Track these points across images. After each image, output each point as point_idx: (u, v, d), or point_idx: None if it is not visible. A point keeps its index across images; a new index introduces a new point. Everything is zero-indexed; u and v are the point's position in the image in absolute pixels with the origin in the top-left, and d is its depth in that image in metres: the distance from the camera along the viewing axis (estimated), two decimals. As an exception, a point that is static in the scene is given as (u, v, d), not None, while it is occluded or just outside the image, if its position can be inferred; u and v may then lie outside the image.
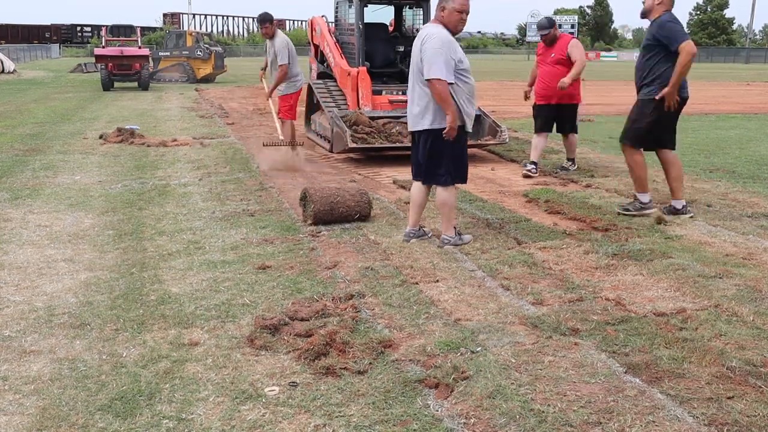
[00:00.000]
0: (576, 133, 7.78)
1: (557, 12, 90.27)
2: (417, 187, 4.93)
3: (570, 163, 7.83)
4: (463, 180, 4.85)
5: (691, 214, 5.55)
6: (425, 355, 3.11)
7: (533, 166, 7.54)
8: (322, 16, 10.86)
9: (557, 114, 7.51)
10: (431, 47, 4.48)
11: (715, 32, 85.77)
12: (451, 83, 4.50)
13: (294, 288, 3.98)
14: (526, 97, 7.92)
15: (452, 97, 4.51)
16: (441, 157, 4.67)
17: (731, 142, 10.22)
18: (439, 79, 4.43)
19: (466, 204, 6.06)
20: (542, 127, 7.64)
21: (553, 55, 7.32)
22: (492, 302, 3.78)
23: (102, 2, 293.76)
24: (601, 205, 5.97)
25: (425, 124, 4.63)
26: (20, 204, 6.05)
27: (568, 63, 7.24)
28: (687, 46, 5.20)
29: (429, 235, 5.01)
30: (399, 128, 8.53)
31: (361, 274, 4.23)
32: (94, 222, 5.48)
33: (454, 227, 4.89)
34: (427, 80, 4.48)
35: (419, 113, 4.66)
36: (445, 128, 4.53)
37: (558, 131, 7.77)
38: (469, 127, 4.72)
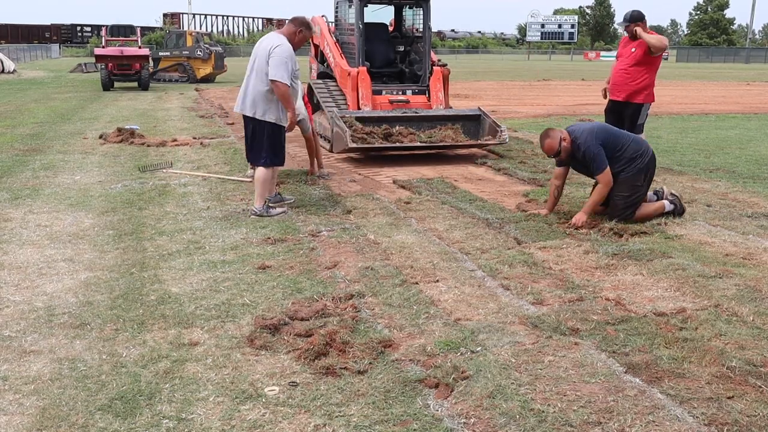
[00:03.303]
0: (640, 133, 6.97)
1: (557, 12, 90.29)
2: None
3: None
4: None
5: None
6: (425, 355, 3.11)
7: None
8: (322, 16, 10.86)
9: (622, 111, 7.18)
10: (279, 54, 5.42)
11: (716, 32, 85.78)
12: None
13: (294, 288, 3.98)
14: (605, 95, 7.61)
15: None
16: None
17: (731, 142, 10.22)
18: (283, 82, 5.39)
19: (466, 204, 6.07)
20: (613, 124, 7.21)
21: (633, 50, 6.91)
22: (492, 302, 3.78)
23: (102, 2, 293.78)
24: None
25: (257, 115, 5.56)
26: (20, 204, 6.05)
27: (646, 63, 6.89)
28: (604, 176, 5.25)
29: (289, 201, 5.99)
30: (399, 128, 8.54)
31: (361, 274, 4.23)
32: (94, 222, 5.48)
33: (266, 200, 5.68)
34: (272, 80, 5.40)
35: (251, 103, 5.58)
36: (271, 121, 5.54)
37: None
38: (283, 122, 5.65)
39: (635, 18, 6.90)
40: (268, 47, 5.50)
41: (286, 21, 5.99)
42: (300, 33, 5.67)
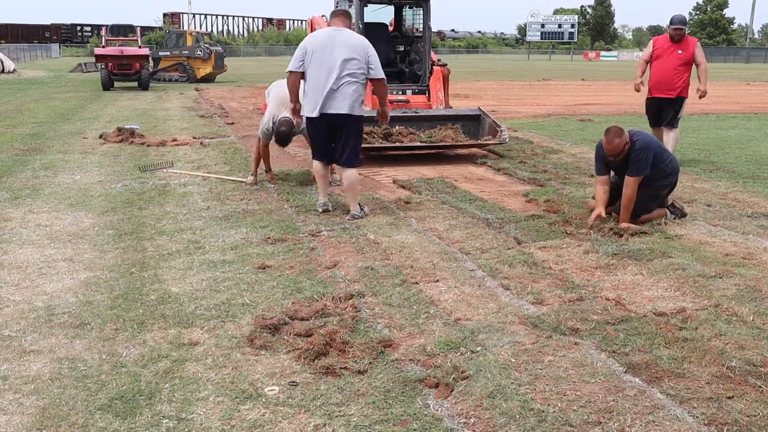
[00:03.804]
0: (676, 127, 8.05)
1: (557, 12, 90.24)
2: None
3: None
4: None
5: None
6: (425, 355, 3.11)
7: None
8: (322, 16, 10.86)
9: (667, 106, 7.96)
10: (375, 53, 5.47)
11: (715, 32, 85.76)
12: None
13: (294, 288, 3.98)
14: (638, 89, 8.26)
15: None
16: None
17: (731, 142, 10.23)
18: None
19: (466, 204, 6.07)
20: (658, 121, 8.11)
21: (680, 51, 7.81)
22: (492, 302, 3.78)
23: (102, 2, 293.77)
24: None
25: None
26: (20, 204, 6.05)
27: (689, 63, 7.84)
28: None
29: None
30: (399, 128, 8.54)
31: (361, 273, 4.23)
32: (94, 222, 5.48)
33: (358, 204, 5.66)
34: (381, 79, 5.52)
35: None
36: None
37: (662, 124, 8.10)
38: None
39: (686, 21, 8.10)
40: (361, 45, 5.46)
41: (286, 21, 5.97)
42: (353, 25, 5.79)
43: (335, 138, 5.61)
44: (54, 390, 2.82)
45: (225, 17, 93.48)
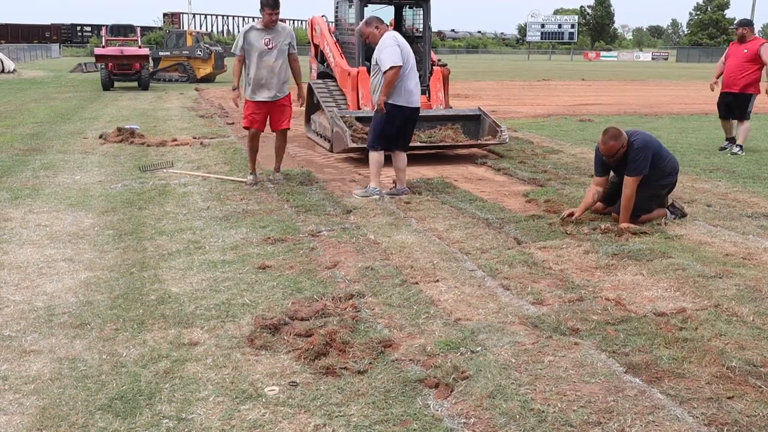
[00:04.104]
0: (747, 119, 8.98)
1: (557, 12, 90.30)
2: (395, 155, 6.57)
3: (738, 148, 9.01)
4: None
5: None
6: (425, 355, 3.11)
7: (728, 143, 9.33)
8: (322, 16, 10.86)
9: (734, 101, 8.97)
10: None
11: (716, 32, 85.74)
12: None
13: (294, 288, 3.98)
14: (712, 89, 9.43)
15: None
16: None
17: (731, 142, 10.21)
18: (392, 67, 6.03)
19: (466, 204, 6.07)
20: (725, 113, 9.23)
21: (745, 51, 8.81)
22: (492, 302, 3.78)
23: (102, 2, 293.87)
24: (601, 205, 5.96)
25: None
26: (20, 204, 6.05)
27: (756, 61, 8.74)
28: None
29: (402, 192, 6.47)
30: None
31: (361, 274, 4.23)
32: (94, 222, 5.48)
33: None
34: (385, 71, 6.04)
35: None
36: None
37: (732, 117, 9.18)
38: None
39: (743, 24, 9.08)
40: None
41: (286, 21, 6.11)
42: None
43: (406, 129, 6.58)
44: (54, 390, 2.82)
45: (225, 17, 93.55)
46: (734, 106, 9.00)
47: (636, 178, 5.24)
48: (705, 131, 11.64)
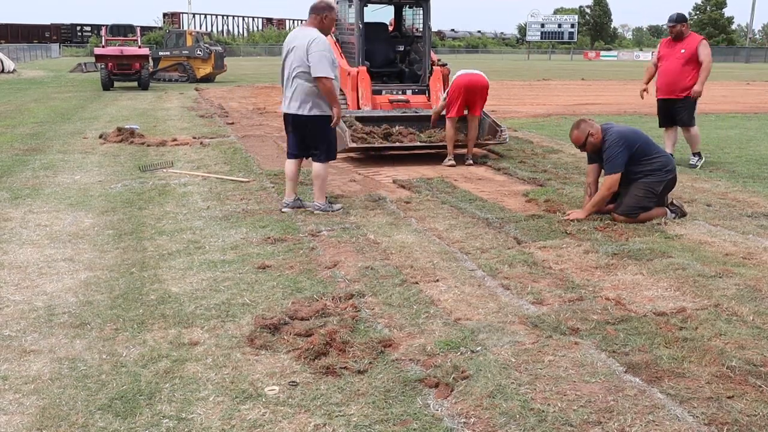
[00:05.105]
0: (692, 125, 7.91)
1: (557, 11, 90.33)
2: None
3: (697, 158, 8.05)
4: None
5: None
6: (425, 355, 3.11)
7: (695, 157, 8.09)
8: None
9: (674, 107, 7.86)
10: (316, 49, 5.40)
11: (715, 32, 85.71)
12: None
13: (294, 287, 3.98)
14: (642, 96, 8.23)
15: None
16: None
17: (731, 142, 10.23)
18: (328, 77, 5.41)
19: (466, 204, 6.07)
20: (667, 121, 8.05)
21: (683, 51, 7.71)
22: (492, 302, 3.78)
23: (102, 2, 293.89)
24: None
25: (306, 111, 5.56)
26: (20, 204, 6.05)
27: (695, 62, 7.66)
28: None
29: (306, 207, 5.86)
30: (399, 128, 8.54)
31: (361, 273, 4.23)
32: (94, 222, 5.48)
33: (326, 196, 5.92)
34: (318, 77, 5.40)
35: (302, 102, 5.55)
36: (327, 115, 5.58)
37: (676, 124, 8.03)
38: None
39: (681, 19, 7.85)
40: (305, 44, 5.46)
41: (286, 21, 6.00)
42: (326, 17, 5.61)
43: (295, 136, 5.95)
44: (54, 390, 2.82)
45: (225, 17, 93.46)
46: (678, 112, 7.85)
47: (612, 176, 5.28)
48: (705, 131, 11.61)
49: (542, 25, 78.19)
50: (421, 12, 9.74)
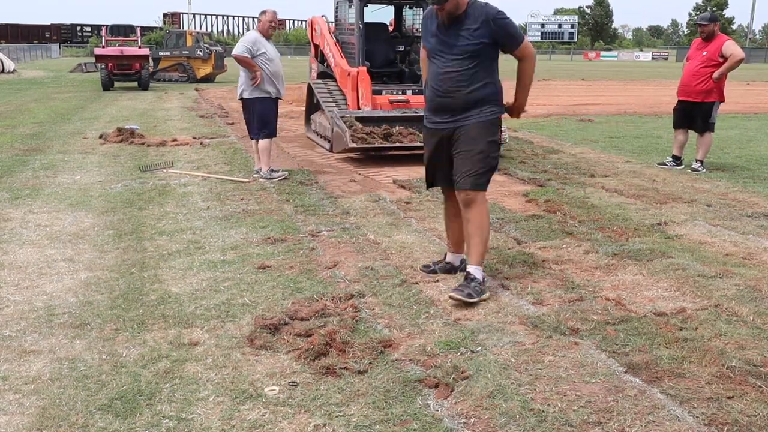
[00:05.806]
0: (710, 131, 7.73)
1: (557, 12, 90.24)
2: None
3: (699, 164, 7.79)
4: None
5: None
6: (425, 355, 3.11)
7: (671, 159, 8.03)
8: (322, 16, 10.86)
9: (692, 111, 7.70)
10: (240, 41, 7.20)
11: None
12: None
13: (294, 288, 3.98)
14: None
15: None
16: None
17: (731, 142, 10.23)
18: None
19: (466, 204, 6.05)
20: (679, 123, 7.91)
21: (704, 53, 7.50)
22: (492, 302, 3.78)
23: (102, 2, 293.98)
24: (600, 205, 5.97)
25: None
26: (20, 204, 6.05)
27: (713, 66, 7.44)
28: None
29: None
30: (399, 128, 8.53)
31: (361, 273, 4.23)
32: (94, 222, 5.48)
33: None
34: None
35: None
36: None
37: (691, 128, 7.87)
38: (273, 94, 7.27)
39: (714, 19, 7.60)
40: None
41: (286, 21, 6.22)
42: (259, 23, 7.19)
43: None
44: (54, 390, 2.82)
45: (225, 17, 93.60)
46: (695, 117, 7.68)
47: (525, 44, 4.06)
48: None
49: (542, 26, 78.22)
50: (421, 12, 9.75)
